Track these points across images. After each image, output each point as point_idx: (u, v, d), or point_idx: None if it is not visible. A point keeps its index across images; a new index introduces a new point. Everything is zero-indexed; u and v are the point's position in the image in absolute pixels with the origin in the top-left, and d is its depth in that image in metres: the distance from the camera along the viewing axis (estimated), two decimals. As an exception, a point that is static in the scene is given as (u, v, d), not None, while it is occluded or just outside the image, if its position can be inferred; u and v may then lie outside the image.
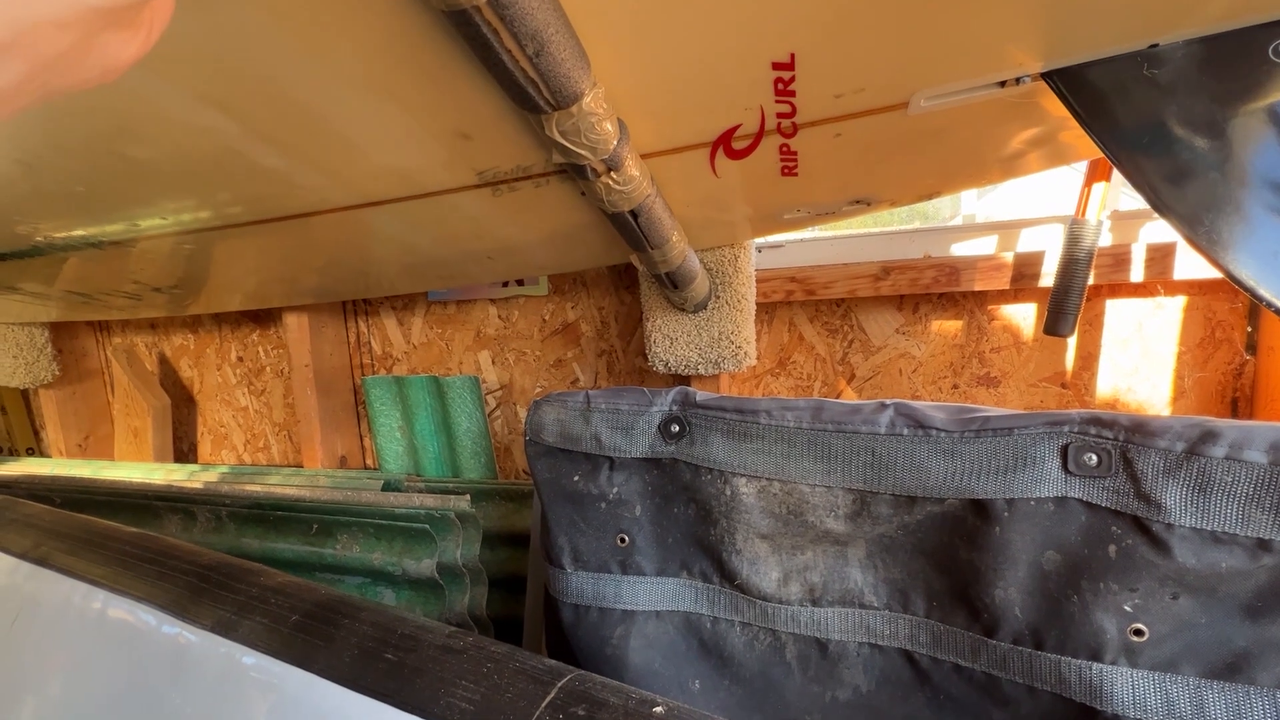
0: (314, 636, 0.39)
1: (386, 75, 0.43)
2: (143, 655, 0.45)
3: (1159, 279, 0.80)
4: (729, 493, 0.57)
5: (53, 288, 1.01)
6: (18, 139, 0.49)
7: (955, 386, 0.93)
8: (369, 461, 1.28)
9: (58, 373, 1.35)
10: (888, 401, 0.52)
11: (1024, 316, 0.88)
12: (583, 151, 0.45)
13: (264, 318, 1.31)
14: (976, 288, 0.85)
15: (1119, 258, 0.79)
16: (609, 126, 0.45)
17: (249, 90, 0.44)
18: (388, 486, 1.05)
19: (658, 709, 0.31)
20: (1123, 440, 0.43)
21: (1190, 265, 0.78)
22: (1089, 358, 0.87)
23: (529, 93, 0.38)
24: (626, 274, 1.04)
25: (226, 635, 0.41)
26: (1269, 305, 0.45)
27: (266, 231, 0.74)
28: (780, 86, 0.47)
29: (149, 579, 0.48)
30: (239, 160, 0.54)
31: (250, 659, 0.40)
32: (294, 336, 1.16)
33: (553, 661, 0.36)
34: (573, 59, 0.38)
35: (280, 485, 1.09)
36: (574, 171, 0.49)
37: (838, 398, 0.99)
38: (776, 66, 0.45)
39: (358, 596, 0.46)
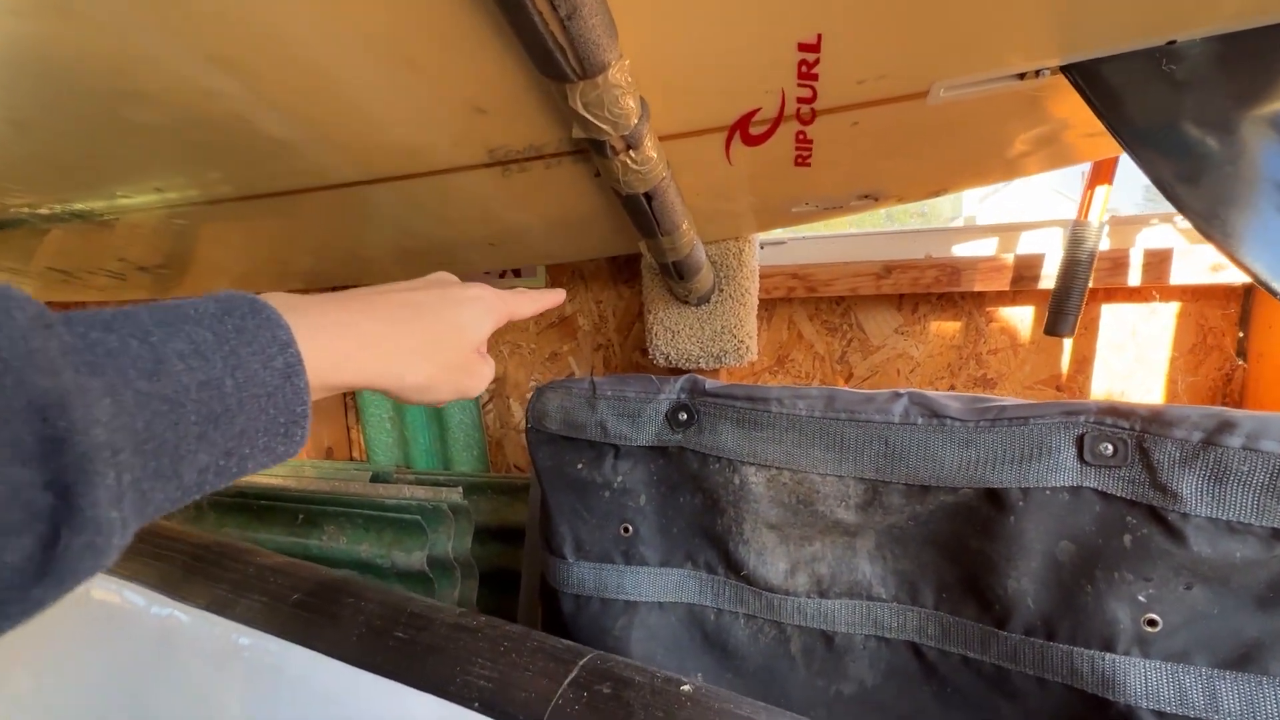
0: (317, 615, 0.38)
1: (406, 39, 0.42)
2: (130, 636, 0.43)
3: (1155, 284, 0.81)
4: (737, 482, 0.56)
5: (30, 264, 0.97)
6: (10, 92, 0.47)
7: (952, 388, 0.93)
8: (355, 454, 1.26)
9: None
10: (902, 390, 0.52)
11: (1022, 319, 0.89)
12: (604, 126, 0.44)
13: (250, 304, 1.28)
14: (977, 288, 0.86)
15: (1117, 262, 0.81)
16: (631, 102, 0.44)
17: (260, 50, 0.43)
18: (376, 478, 1.02)
19: (685, 687, 0.30)
20: (1139, 430, 0.43)
21: (1186, 271, 0.79)
22: (1084, 361, 0.88)
23: (556, 58, 0.37)
24: (626, 268, 1.03)
25: (221, 614, 0.40)
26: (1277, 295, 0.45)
27: (260, 208, 0.72)
28: (804, 69, 0.47)
29: (138, 558, 0.46)
30: (243, 127, 0.52)
31: (247, 639, 0.38)
32: (282, 323, 1.13)
33: (570, 641, 0.35)
34: (603, 26, 0.37)
35: (264, 474, 1.06)
36: (592, 148, 0.49)
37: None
38: (803, 48, 0.44)
39: (360, 577, 0.44)
